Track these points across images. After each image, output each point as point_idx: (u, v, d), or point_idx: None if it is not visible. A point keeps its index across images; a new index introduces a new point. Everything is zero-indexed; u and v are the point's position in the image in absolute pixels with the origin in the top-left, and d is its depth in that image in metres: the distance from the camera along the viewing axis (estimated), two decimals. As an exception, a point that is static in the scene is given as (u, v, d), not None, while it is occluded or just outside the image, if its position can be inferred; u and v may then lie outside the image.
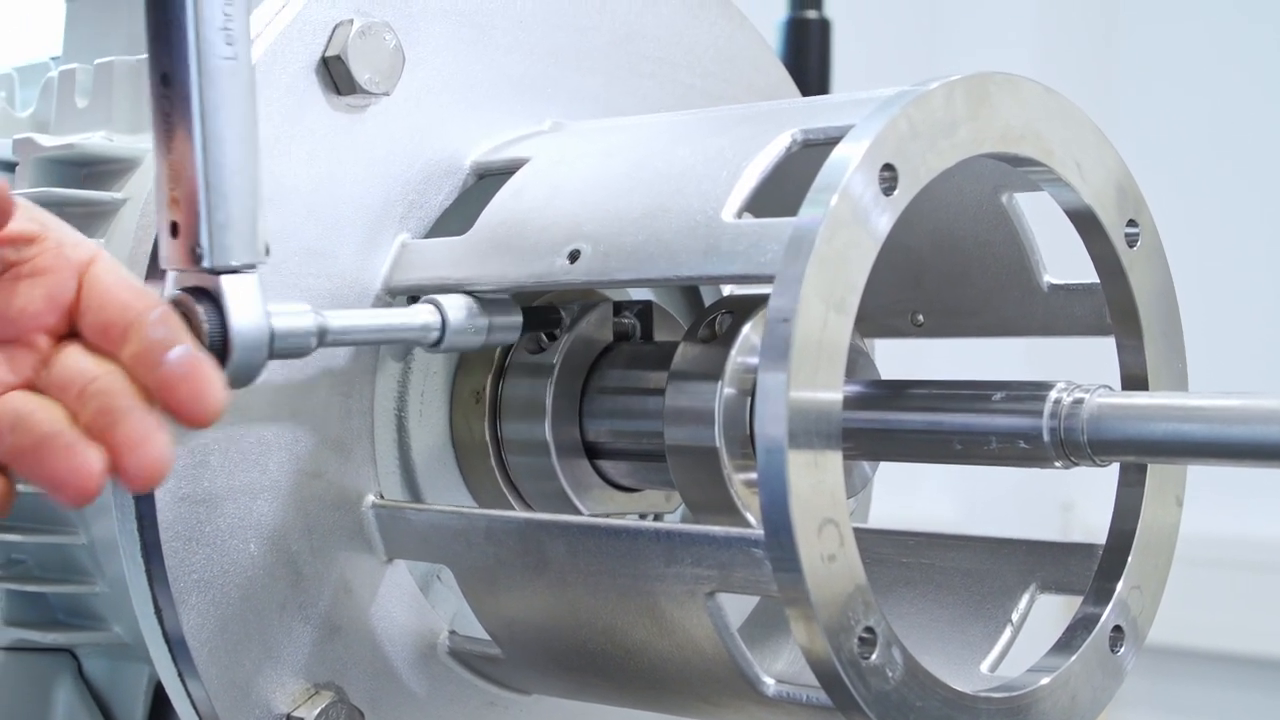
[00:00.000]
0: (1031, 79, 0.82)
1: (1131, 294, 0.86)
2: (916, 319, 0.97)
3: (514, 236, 0.87)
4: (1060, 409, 0.80)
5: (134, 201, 0.98)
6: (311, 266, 0.88)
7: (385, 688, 0.90)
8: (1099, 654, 0.85)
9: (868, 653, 0.74)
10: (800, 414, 0.72)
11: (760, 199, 0.81)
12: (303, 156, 0.88)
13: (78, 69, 1.07)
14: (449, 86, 0.93)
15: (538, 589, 0.84)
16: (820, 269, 0.73)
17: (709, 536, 0.78)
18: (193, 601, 0.84)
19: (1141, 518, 0.86)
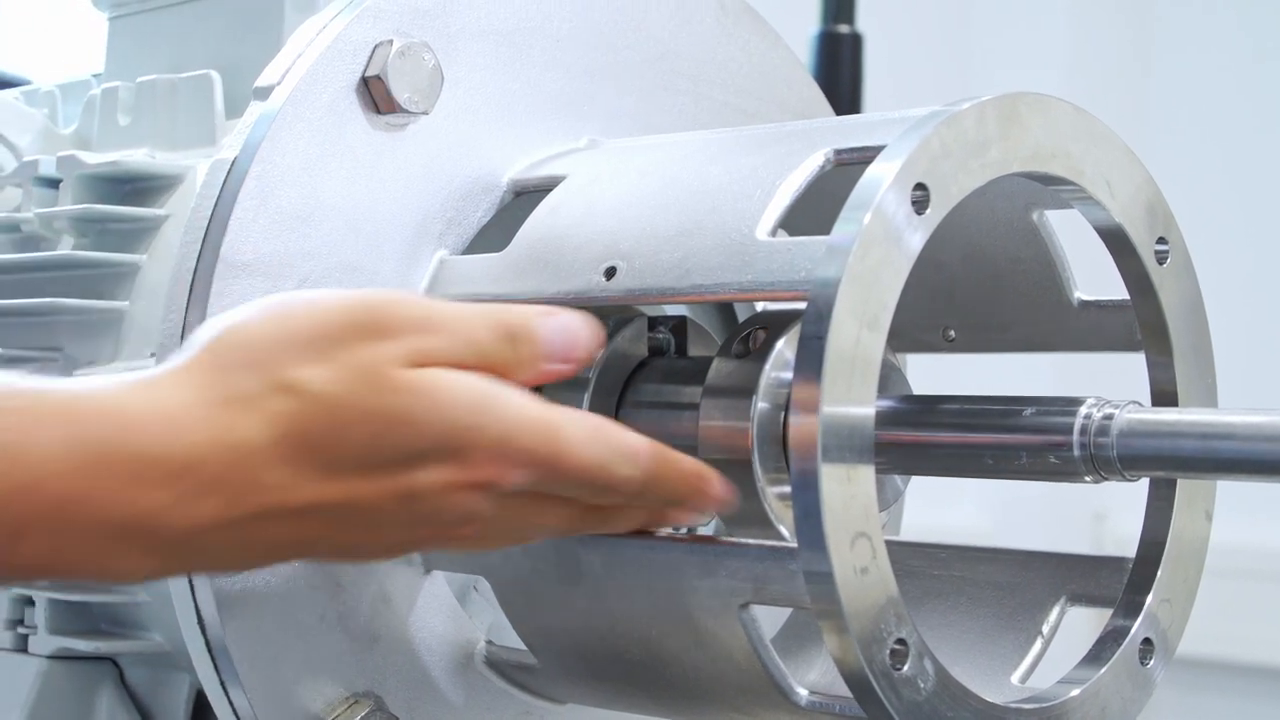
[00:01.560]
0: (1062, 99, 0.83)
1: (1161, 310, 0.87)
2: (948, 335, 0.98)
3: (551, 253, 0.88)
4: (1090, 424, 0.80)
5: (176, 218, 1.00)
6: (351, 282, 0.89)
7: (423, 697, 0.91)
8: (1129, 666, 0.86)
9: (900, 664, 0.75)
10: (833, 429, 0.73)
11: (793, 217, 0.82)
12: (343, 174, 0.89)
13: (120, 87, 1.09)
14: (487, 105, 0.94)
15: (573, 600, 0.85)
16: (853, 286, 0.74)
17: (743, 549, 0.79)
18: (235, 612, 0.86)
19: (1171, 531, 0.87)
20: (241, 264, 0.86)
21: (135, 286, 1.00)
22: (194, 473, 0.68)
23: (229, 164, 0.88)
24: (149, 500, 0.68)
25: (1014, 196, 0.92)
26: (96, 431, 0.67)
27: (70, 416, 0.67)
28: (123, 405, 0.68)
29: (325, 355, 0.72)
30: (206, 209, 0.87)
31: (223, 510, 0.69)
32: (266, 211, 0.87)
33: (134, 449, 0.67)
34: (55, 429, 0.66)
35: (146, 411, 0.68)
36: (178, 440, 0.68)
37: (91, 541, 0.67)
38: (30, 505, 0.66)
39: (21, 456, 0.65)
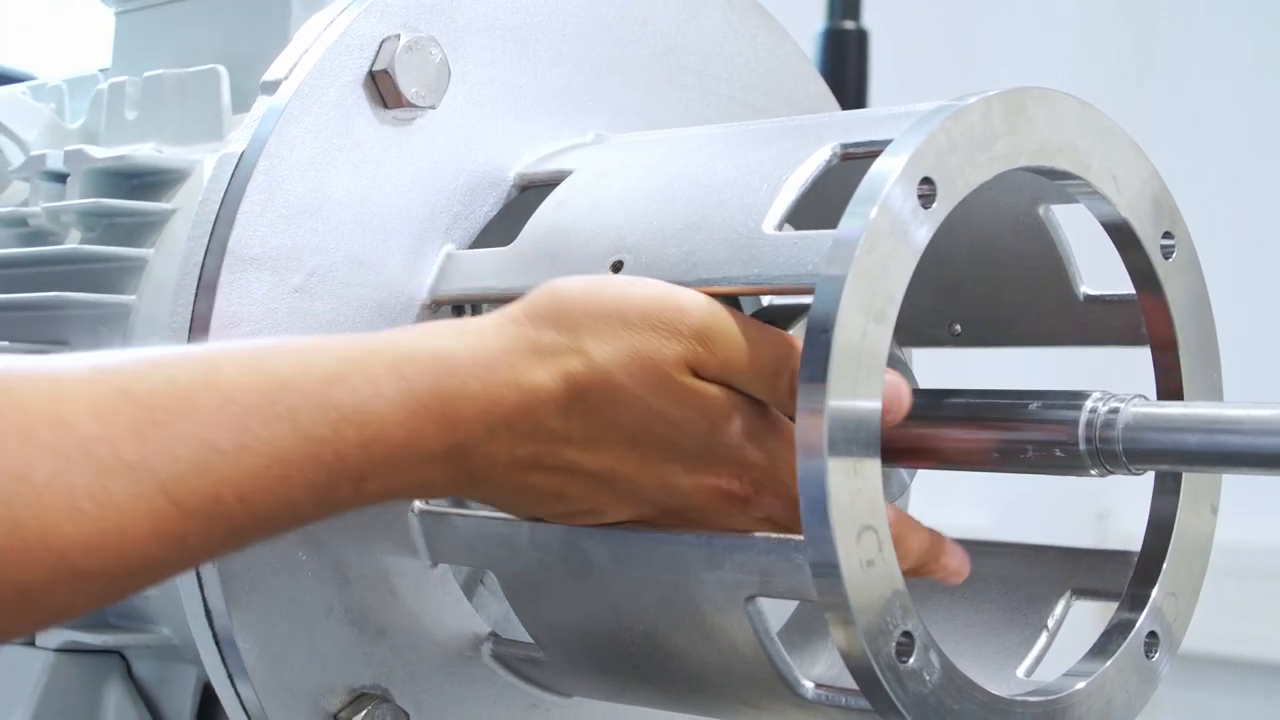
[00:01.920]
0: (1068, 94, 0.83)
1: (1167, 305, 0.87)
2: (954, 329, 0.99)
3: (558, 248, 0.88)
4: (1096, 418, 0.81)
5: (183, 212, 1.00)
6: (359, 276, 0.89)
7: (430, 690, 0.92)
8: (1134, 659, 0.86)
9: (905, 657, 0.75)
10: (839, 422, 0.73)
11: (800, 211, 0.83)
12: (350, 168, 0.89)
13: (127, 81, 1.09)
14: (493, 100, 0.94)
15: (580, 594, 0.85)
16: (860, 280, 0.74)
17: (750, 543, 0.79)
18: (242, 604, 0.86)
19: (1176, 525, 0.88)
20: (249, 258, 0.86)
21: (142, 280, 1.00)
22: (493, 410, 0.77)
23: (236, 158, 0.88)
24: (463, 434, 0.77)
25: (1020, 191, 0.92)
26: (424, 383, 0.76)
27: (401, 373, 0.76)
28: (447, 353, 0.77)
29: (617, 335, 0.79)
30: (214, 203, 0.88)
31: (509, 448, 0.79)
32: (274, 205, 0.87)
33: (454, 392, 0.77)
34: (390, 385, 0.76)
35: (465, 358, 0.78)
36: (486, 382, 0.77)
37: (419, 473, 0.77)
38: (375, 454, 0.75)
39: (366, 416, 0.75)
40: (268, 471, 0.72)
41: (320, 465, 0.74)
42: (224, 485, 0.71)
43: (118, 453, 0.69)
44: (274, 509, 0.73)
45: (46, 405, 0.68)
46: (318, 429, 0.74)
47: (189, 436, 0.71)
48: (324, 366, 0.75)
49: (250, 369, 0.74)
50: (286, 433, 0.73)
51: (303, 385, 0.74)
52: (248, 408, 0.72)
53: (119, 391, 0.70)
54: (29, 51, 2.07)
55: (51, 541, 0.67)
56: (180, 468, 0.70)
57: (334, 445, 0.74)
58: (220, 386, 0.72)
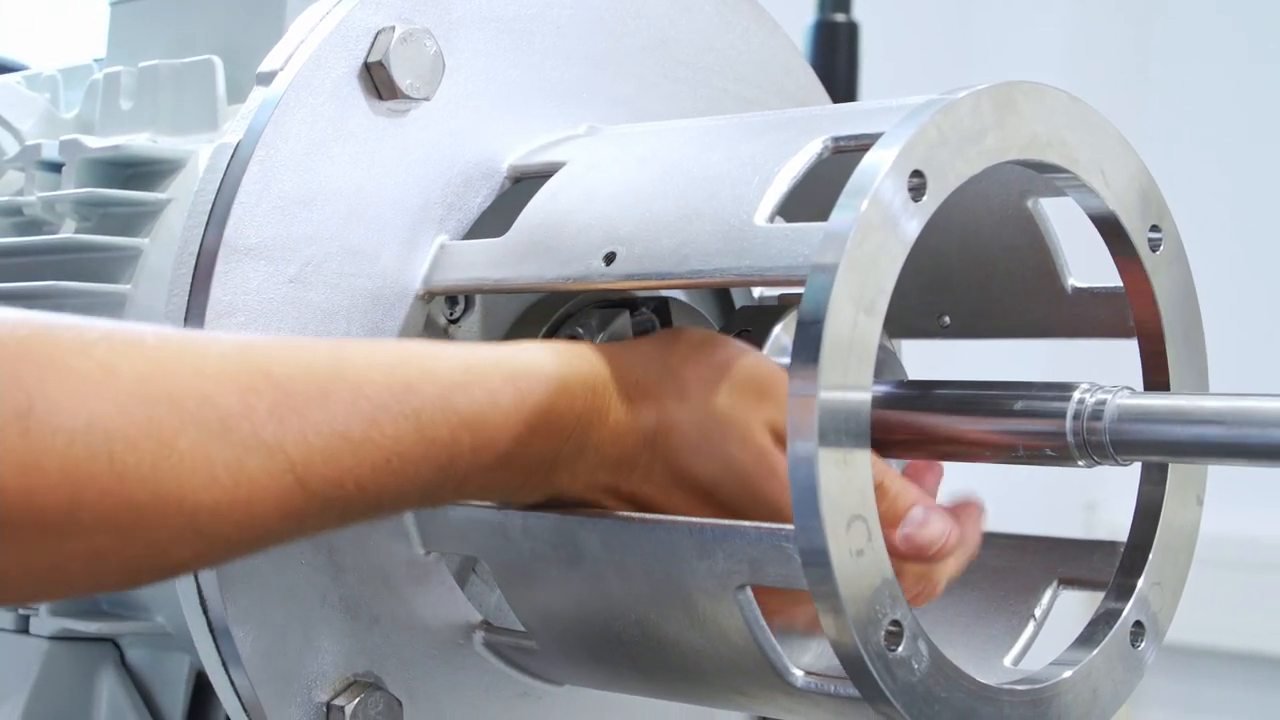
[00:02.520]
0: (1057, 88, 0.84)
1: (1154, 297, 0.88)
2: (943, 321, 0.99)
3: (551, 239, 0.89)
4: (1084, 409, 0.81)
5: (178, 202, 1.01)
6: (353, 266, 0.90)
7: (422, 678, 0.92)
8: (1120, 649, 0.87)
9: (894, 645, 0.76)
10: (830, 413, 0.74)
11: (790, 204, 0.83)
12: (345, 160, 0.90)
13: (122, 72, 1.10)
14: (487, 92, 0.95)
15: (572, 582, 0.86)
16: (851, 272, 0.75)
17: (741, 531, 0.80)
18: (238, 593, 0.87)
19: (1163, 516, 0.88)
20: (245, 248, 0.87)
21: (138, 270, 1.00)
22: (590, 432, 0.83)
23: (232, 149, 0.89)
24: (554, 448, 0.82)
25: (1009, 184, 0.93)
26: (537, 399, 0.81)
27: (518, 387, 0.81)
28: (561, 374, 0.82)
29: (717, 386, 0.84)
30: (210, 193, 0.88)
31: (592, 470, 0.84)
32: (269, 196, 0.88)
33: (563, 409, 0.82)
34: (508, 398, 0.80)
35: (576, 381, 0.83)
36: (591, 406, 0.83)
37: (511, 479, 0.82)
38: (482, 460, 0.80)
39: (482, 424, 0.80)
40: (387, 465, 0.77)
41: (433, 465, 0.78)
42: (347, 474, 0.76)
43: (256, 431, 0.73)
44: (384, 498, 0.78)
45: (193, 380, 0.72)
46: (438, 431, 0.78)
47: (323, 424, 0.75)
48: (448, 374, 0.79)
49: (382, 367, 0.78)
50: (409, 431, 0.77)
51: (428, 390, 0.78)
52: (378, 404, 0.77)
53: (260, 372, 0.74)
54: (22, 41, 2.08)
55: (186, 505, 0.71)
56: (312, 453, 0.74)
57: (450, 449, 0.79)
58: (352, 380, 0.77)
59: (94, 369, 0.69)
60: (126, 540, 0.70)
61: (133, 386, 0.70)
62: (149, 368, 0.71)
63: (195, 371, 0.72)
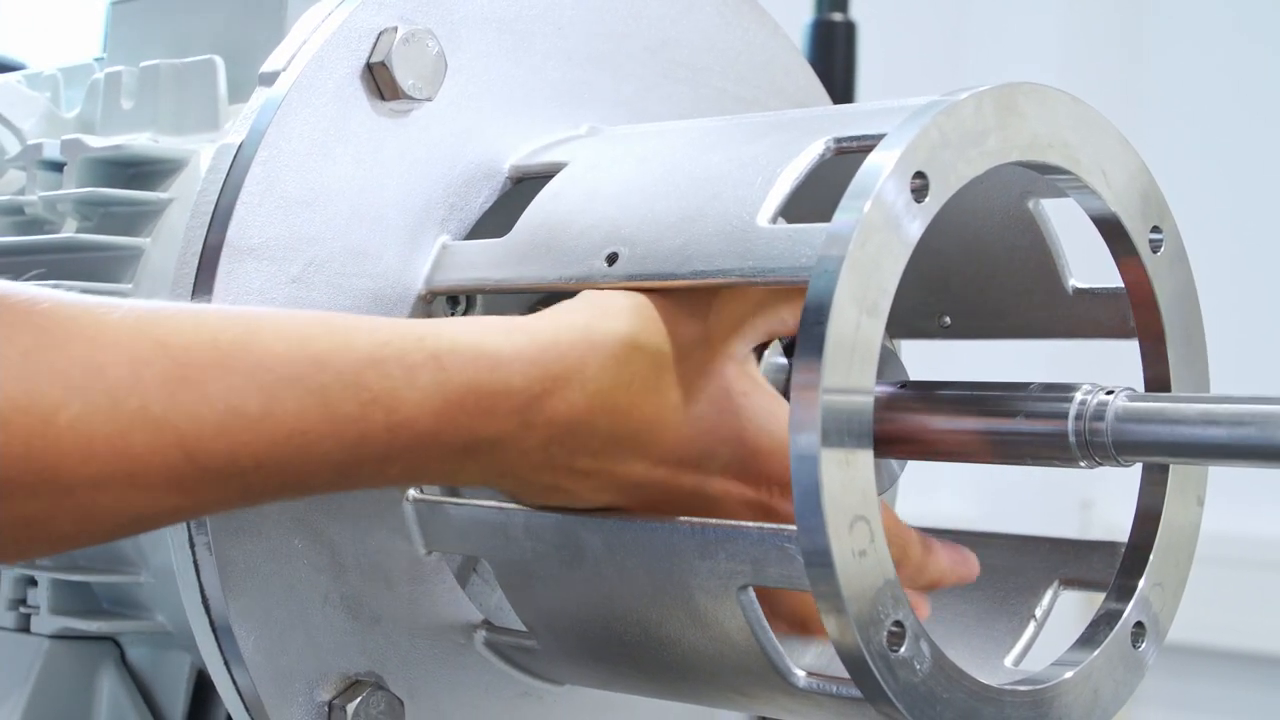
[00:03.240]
0: (1058, 89, 0.84)
1: (1155, 298, 0.88)
2: (943, 321, 0.99)
3: (552, 239, 0.89)
4: (1085, 410, 0.82)
5: (180, 202, 1.01)
6: (355, 266, 0.90)
7: (424, 677, 0.92)
8: (1121, 649, 0.87)
9: (896, 646, 0.76)
10: (833, 413, 0.74)
11: (793, 205, 0.83)
12: (347, 160, 0.90)
13: (124, 71, 1.10)
14: (489, 92, 0.95)
15: (573, 582, 0.86)
16: (853, 273, 0.75)
17: (743, 532, 0.80)
18: (239, 592, 0.87)
19: (1163, 516, 0.89)
20: (247, 248, 0.87)
21: (139, 270, 1.00)
22: (532, 407, 0.79)
23: (235, 149, 0.89)
24: (495, 430, 0.79)
25: (1010, 185, 0.93)
26: (463, 376, 0.78)
27: (441, 363, 0.78)
28: (491, 348, 0.79)
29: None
30: (212, 193, 0.88)
31: (544, 447, 0.80)
32: (272, 196, 0.88)
33: (492, 387, 0.78)
34: (427, 375, 0.77)
35: (510, 354, 0.79)
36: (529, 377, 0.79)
37: (444, 462, 0.79)
38: (400, 439, 0.77)
39: (396, 402, 0.76)
40: (289, 442, 0.74)
41: (343, 443, 0.76)
42: (243, 449, 0.73)
43: (145, 404, 0.71)
44: (289, 476, 0.76)
45: (85, 350, 0.71)
46: (345, 408, 0.75)
47: (216, 398, 0.73)
48: (364, 348, 0.77)
49: (292, 339, 0.75)
50: (313, 407, 0.75)
51: (338, 364, 0.76)
52: (281, 378, 0.74)
53: (158, 345, 0.72)
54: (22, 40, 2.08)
55: (62, 479, 0.70)
56: (203, 427, 0.72)
57: (359, 426, 0.76)
58: (257, 354, 0.74)
59: None
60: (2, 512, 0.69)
61: (11, 358, 0.69)
62: (35, 339, 0.70)
63: (88, 340, 0.71)
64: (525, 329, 0.81)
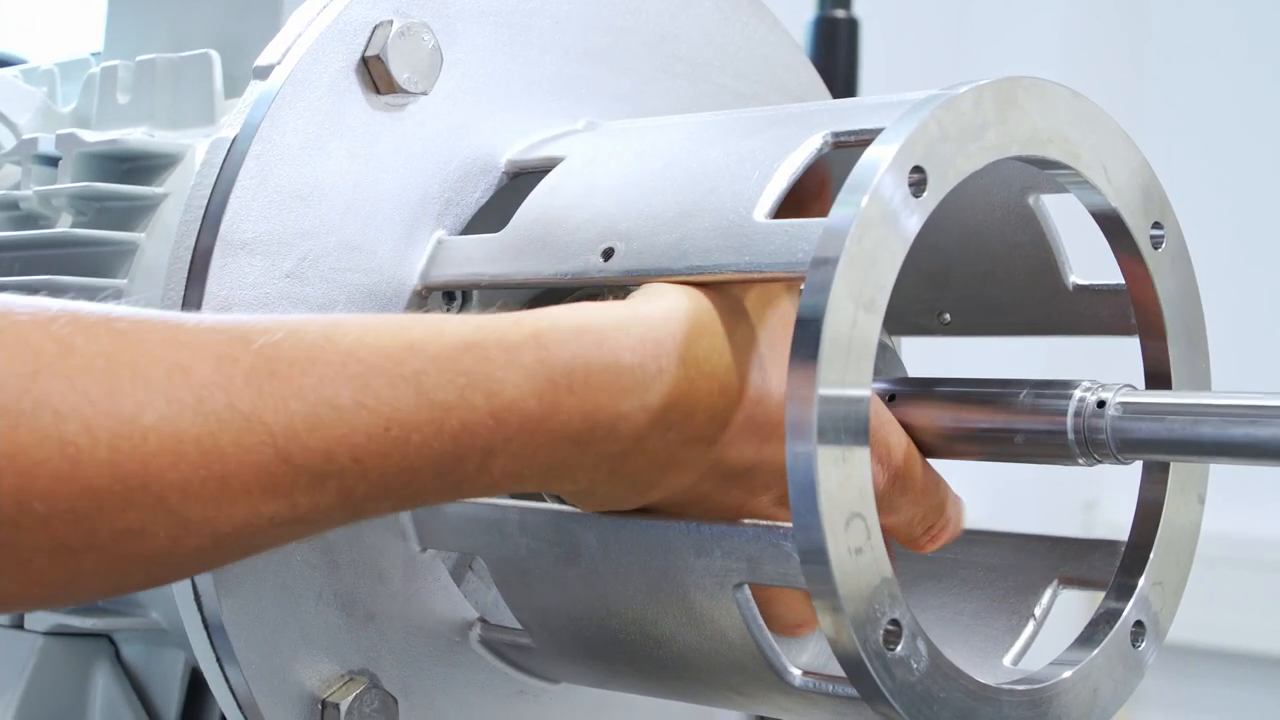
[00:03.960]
0: (1059, 83, 0.83)
1: (1156, 295, 0.88)
2: (943, 318, 0.99)
3: (549, 234, 0.88)
4: (1085, 407, 0.81)
5: (175, 196, 1.00)
6: (350, 261, 0.89)
7: (418, 675, 0.92)
8: (1120, 649, 0.86)
9: (893, 644, 0.75)
10: (829, 410, 0.74)
11: (791, 199, 0.83)
12: (342, 154, 0.89)
13: (120, 65, 1.09)
14: (485, 86, 0.94)
15: (569, 580, 0.86)
16: (850, 268, 0.74)
17: (738, 530, 0.79)
18: (232, 589, 0.86)
19: (1164, 515, 0.88)
20: (240, 242, 0.86)
21: (134, 265, 1.00)
22: (648, 386, 0.75)
23: (229, 143, 0.88)
24: (608, 411, 0.75)
25: (1010, 181, 0.93)
26: (567, 352, 0.74)
27: (542, 341, 0.74)
28: (595, 322, 0.75)
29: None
30: (206, 187, 0.88)
31: (662, 431, 0.76)
32: (266, 190, 0.87)
33: (601, 362, 0.74)
34: (529, 354, 0.73)
35: (614, 328, 0.75)
36: (641, 354, 0.75)
37: (551, 452, 0.74)
38: (505, 426, 0.73)
39: (496, 384, 0.72)
40: (386, 434, 0.71)
41: (444, 433, 0.72)
42: (338, 444, 0.70)
43: (232, 401, 0.68)
44: (390, 474, 0.71)
45: (164, 350, 0.68)
46: (443, 394, 0.72)
47: (307, 391, 0.69)
48: (458, 333, 0.73)
49: (380, 330, 0.72)
50: (409, 395, 0.71)
51: (432, 349, 0.72)
52: (371, 366, 0.71)
53: (240, 340, 0.70)
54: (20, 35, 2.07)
55: (152, 486, 0.66)
56: (294, 421, 0.69)
57: (460, 413, 0.72)
58: (345, 344, 0.71)
59: (49, 345, 0.65)
60: (90, 528, 0.66)
61: (91, 361, 0.66)
62: (113, 343, 0.67)
63: (167, 342, 0.68)
64: (627, 305, 0.77)
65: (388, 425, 0.71)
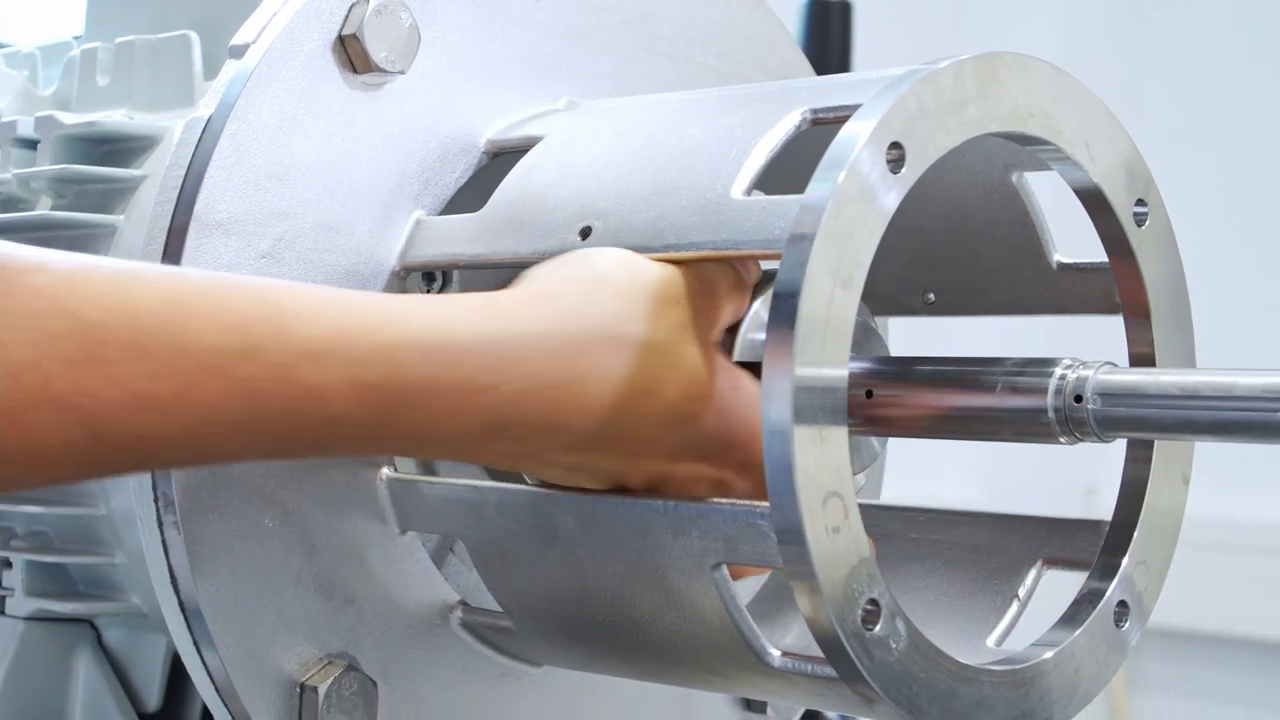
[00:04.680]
0: (1041, 59, 0.83)
1: (1139, 273, 0.87)
2: (928, 298, 0.98)
3: (527, 214, 0.88)
4: (1065, 385, 0.80)
5: (154, 179, 0.99)
6: (327, 242, 0.89)
7: (398, 658, 0.91)
8: (1103, 629, 0.85)
9: (871, 624, 0.75)
10: (805, 389, 0.73)
11: (771, 177, 0.82)
12: (318, 134, 0.89)
13: (99, 48, 1.08)
14: (464, 65, 0.94)
15: (547, 561, 0.85)
16: (827, 245, 0.73)
17: (716, 509, 0.79)
18: (208, 571, 0.86)
19: (1148, 494, 0.87)
20: (215, 223, 0.86)
21: (113, 247, 0.99)
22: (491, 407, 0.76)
23: (203, 123, 0.87)
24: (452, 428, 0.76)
25: (993, 158, 0.92)
26: (416, 372, 0.75)
27: (395, 359, 0.74)
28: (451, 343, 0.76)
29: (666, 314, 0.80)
30: (180, 168, 0.87)
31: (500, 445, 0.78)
32: (241, 171, 0.86)
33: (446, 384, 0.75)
34: (374, 372, 0.73)
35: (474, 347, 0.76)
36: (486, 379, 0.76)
37: (389, 450, 0.80)
38: (338, 432, 0.74)
39: (335, 398, 0.73)
40: (207, 429, 0.71)
41: (271, 432, 0.73)
42: (156, 432, 0.70)
43: (47, 384, 0.68)
44: (207, 456, 0.73)
45: None
46: (273, 403, 0.72)
47: (128, 381, 0.69)
48: (304, 339, 0.72)
49: (224, 325, 0.71)
50: (238, 399, 0.71)
51: (271, 357, 0.72)
52: (204, 366, 0.70)
53: (71, 317, 0.69)
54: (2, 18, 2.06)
55: None
56: (111, 410, 0.69)
57: (290, 420, 0.72)
58: (181, 339, 0.70)
59: None
60: None
61: None
62: None
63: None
64: (501, 316, 0.77)
65: (208, 421, 0.71)
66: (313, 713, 0.87)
